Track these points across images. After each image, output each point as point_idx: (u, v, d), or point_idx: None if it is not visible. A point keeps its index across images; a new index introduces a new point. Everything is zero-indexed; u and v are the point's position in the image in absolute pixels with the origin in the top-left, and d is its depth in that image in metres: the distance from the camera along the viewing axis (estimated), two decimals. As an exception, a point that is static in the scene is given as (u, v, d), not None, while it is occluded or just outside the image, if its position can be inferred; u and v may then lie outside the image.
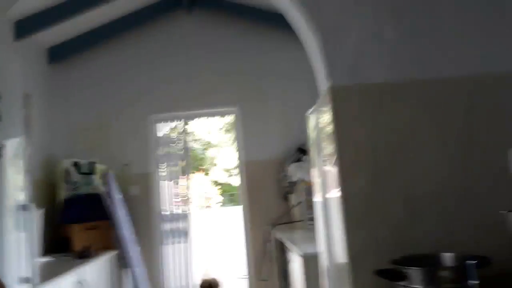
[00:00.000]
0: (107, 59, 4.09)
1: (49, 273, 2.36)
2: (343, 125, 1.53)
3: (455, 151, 1.50)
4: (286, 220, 3.73)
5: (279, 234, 3.13)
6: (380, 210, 1.46)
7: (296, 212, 3.66)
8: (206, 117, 4.55)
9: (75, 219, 3.40)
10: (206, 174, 13.91)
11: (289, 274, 2.91)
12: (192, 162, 13.58)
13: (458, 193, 1.47)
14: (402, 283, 1.18)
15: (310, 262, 2.12)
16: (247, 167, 4.09)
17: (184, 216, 4.17)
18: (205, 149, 13.92)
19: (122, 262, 3.40)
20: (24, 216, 2.00)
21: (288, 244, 2.69)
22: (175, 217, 4.16)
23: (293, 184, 3.75)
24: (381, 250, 1.40)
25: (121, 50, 4.11)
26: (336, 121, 1.53)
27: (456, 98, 1.53)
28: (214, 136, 13.52)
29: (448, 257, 1.25)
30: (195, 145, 13.70)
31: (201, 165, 14.01)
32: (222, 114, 4.56)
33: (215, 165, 13.83)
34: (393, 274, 1.21)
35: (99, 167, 3.61)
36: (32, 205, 2.05)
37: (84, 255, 2.95)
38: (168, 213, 4.14)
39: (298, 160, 3.78)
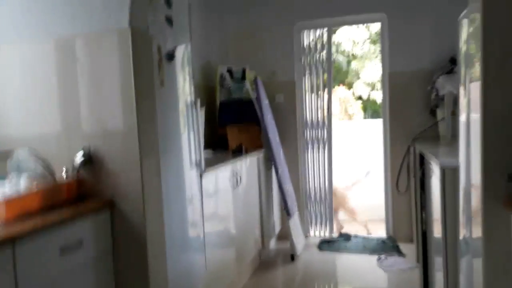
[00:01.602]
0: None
1: (211, 162, 2.80)
2: (493, 33, 1.39)
3: None
4: (430, 135, 3.65)
5: (420, 147, 3.10)
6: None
7: (442, 128, 3.53)
8: (351, 25, 4.44)
9: (229, 121, 3.84)
10: (349, 88, 13.72)
11: (427, 188, 2.93)
12: (335, 74, 13.48)
13: None
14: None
15: (449, 175, 2.11)
16: (391, 78, 4.00)
17: (324, 125, 4.35)
18: (348, 61, 13.58)
19: (269, 162, 3.79)
20: (192, 112, 2.37)
21: (427, 156, 2.68)
22: (316, 126, 4.36)
23: (441, 98, 3.58)
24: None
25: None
26: (484, 29, 1.40)
27: None
28: (359, 47, 13.05)
29: None
30: (339, 57, 13.46)
31: (344, 78, 13.83)
32: (368, 21, 4.37)
33: (358, 78, 13.50)
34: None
35: (250, 74, 3.91)
36: (198, 103, 2.40)
37: (238, 152, 3.38)
38: (309, 121, 4.35)
39: (450, 71, 3.54)
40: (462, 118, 1.90)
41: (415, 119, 3.87)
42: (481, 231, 1.44)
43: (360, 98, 12.98)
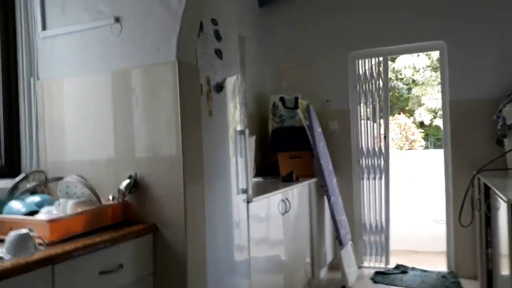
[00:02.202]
0: (309, 1, 4.24)
1: (260, 189, 2.79)
2: None
3: None
4: (497, 167, 3.39)
5: (485, 180, 2.89)
6: None
7: (510, 159, 3.28)
8: (407, 54, 4.32)
9: (281, 148, 3.82)
10: (410, 115, 13.27)
11: (493, 223, 2.72)
12: (395, 101, 13.14)
13: None
14: None
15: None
16: (453, 107, 3.81)
17: (382, 154, 4.20)
18: (409, 88, 13.19)
19: (321, 190, 3.70)
20: (241, 141, 2.38)
21: (494, 188, 2.49)
22: (373, 154, 4.22)
23: (508, 127, 3.34)
24: None
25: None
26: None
27: None
28: (420, 74, 12.65)
29: None
30: (399, 84, 13.12)
31: (405, 105, 13.41)
32: (426, 50, 4.24)
33: (420, 105, 13.04)
34: None
35: (302, 102, 3.90)
36: (247, 131, 2.41)
37: (288, 179, 3.33)
38: (365, 149, 4.22)
39: (518, 100, 3.32)
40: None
41: (479, 149, 3.64)
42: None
43: (422, 124, 12.49)
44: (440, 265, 4.01)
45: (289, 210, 3.05)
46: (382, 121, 4.23)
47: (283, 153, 3.79)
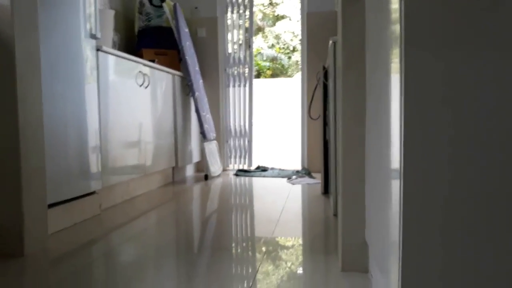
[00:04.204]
0: None
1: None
2: None
3: None
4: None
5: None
6: None
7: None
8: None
9: (147, 45, 3.81)
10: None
11: (328, 96, 3.05)
12: (277, 73, 13.83)
13: None
14: None
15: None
16: (309, 17, 4.18)
17: (246, 63, 4.43)
18: (289, 57, 14.00)
19: (187, 89, 3.79)
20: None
21: (326, 65, 2.82)
22: (238, 63, 4.43)
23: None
24: None
25: None
26: None
27: None
28: (299, 40, 13.56)
29: None
30: (282, 56, 13.86)
31: (286, 73, 14.19)
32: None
33: (298, 71, 13.88)
34: None
35: (169, 2, 3.92)
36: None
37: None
38: (232, 58, 4.41)
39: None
40: None
41: (327, 52, 4.03)
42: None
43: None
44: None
45: (148, 86, 3.09)
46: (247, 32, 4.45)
47: (148, 50, 3.79)
